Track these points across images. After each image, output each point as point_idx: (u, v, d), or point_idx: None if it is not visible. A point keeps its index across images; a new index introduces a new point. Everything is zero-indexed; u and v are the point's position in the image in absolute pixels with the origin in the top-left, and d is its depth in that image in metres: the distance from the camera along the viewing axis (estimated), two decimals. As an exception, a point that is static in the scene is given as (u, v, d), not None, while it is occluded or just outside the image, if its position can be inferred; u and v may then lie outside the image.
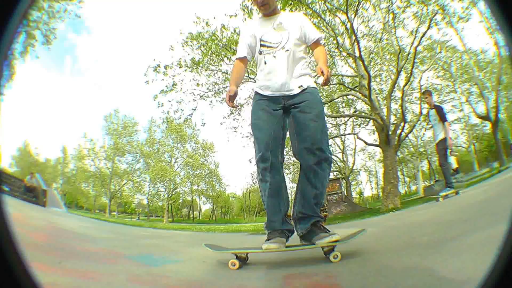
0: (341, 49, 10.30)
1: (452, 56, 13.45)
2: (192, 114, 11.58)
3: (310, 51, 2.15)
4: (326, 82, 1.79)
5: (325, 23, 10.03)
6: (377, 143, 10.88)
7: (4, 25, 0.56)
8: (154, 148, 19.48)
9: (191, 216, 24.06)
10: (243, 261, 1.81)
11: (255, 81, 2.33)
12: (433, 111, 5.48)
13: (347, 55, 11.42)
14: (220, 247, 2.10)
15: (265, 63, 2.00)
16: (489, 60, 12.33)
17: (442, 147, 5.23)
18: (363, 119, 12.36)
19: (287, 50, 1.96)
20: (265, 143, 1.91)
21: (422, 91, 10.17)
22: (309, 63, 2.27)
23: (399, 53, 10.60)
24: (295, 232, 1.94)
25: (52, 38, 13.38)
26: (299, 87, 1.96)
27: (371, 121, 11.64)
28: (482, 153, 15.17)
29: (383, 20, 11.14)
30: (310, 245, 1.76)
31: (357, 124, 13.16)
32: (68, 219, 6.56)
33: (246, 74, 11.76)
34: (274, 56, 1.97)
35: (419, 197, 12.17)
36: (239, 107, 11.91)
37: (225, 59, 10.92)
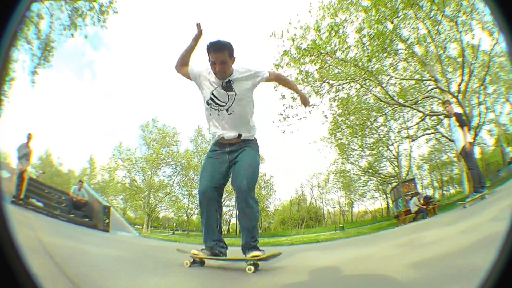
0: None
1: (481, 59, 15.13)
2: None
3: None
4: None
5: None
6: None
7: (4, 24, 0.55)
8: (202, 159, 18.43)
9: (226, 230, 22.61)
10: (199, 262, 2.32)
11: None
12: (453, 119, 5.56)
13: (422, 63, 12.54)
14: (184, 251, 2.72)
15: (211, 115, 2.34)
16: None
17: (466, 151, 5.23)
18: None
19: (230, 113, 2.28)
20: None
21: (443, 100, 10.99)
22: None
23: (472, 57, 11.95)
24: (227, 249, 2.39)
25: (112, 12, 11.49)
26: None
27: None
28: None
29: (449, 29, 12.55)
30: (229, 259, 2.34)
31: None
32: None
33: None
34: (218, 115, 2.29)
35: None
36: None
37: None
